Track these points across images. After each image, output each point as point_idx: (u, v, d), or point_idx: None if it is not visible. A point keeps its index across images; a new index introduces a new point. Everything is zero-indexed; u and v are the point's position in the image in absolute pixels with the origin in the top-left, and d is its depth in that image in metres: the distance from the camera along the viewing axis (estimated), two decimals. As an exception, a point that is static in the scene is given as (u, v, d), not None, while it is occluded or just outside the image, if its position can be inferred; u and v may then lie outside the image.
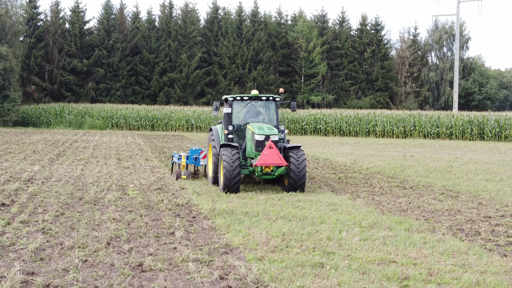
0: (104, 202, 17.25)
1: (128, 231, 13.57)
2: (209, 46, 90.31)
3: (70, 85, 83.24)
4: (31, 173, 23.19)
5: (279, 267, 10.81)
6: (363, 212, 16.50)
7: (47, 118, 66.98)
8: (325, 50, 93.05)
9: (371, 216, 15.74)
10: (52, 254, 11.52)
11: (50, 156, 30.48)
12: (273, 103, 21.95)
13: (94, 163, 28.17)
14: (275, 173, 19.75)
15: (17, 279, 9.72)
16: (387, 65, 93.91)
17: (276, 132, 20.02)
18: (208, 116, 65.98)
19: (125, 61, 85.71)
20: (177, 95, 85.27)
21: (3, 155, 30.69)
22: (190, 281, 10.12)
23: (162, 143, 43.57)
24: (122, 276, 10.18)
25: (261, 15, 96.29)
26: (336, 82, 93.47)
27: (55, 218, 14.80)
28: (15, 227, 13.52)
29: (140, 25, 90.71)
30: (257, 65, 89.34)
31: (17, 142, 40.24)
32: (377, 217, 15.62)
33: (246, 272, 10.45)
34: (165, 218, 15.08)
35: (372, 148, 42.90)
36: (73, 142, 41.75)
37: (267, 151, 19.22)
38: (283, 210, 16.40)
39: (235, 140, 21.39)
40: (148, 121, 66.77)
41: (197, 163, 24.04)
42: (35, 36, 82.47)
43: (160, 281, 9.95)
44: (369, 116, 64.18)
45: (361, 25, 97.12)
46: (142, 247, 12.26)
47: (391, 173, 26.31)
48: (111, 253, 11.62)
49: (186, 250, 11.94)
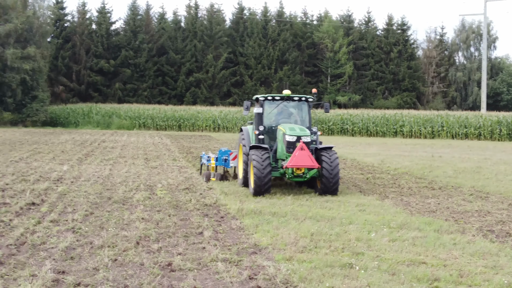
0: (133, 201, 17.35)
1: (157, 230, 13.62)
2: (235, 47, 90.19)
3: (98, 86, 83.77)
4: (60, 173, 23.40)
5: (308, 267, 10.79)
6: (392, 212, 16.43)
7: (75, 118, 67.70)
8: (351, 50, 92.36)
9: (400, 217, 15.65)
10: (82, 253, 11.60)
11: (79, 156, 30.76)
12: (306, 103, 21.37)
13: (122, 163, 28.36)
14: (307, 176, 19.12)
15: (48, 277, 9.79)
16: (413, 65, 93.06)
17: (308, 133, 19.50)
18: (234, 117, 66.38)
19: (152, 62, 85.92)
20: (204, 95, 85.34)
21: (33, 155, 31.01)
22: (219, 281, 10.12)
23: (189, 143, 43.75)
24: (152, 276, 10.21)
25: (286, 15, 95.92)
26: (362, 82, 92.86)
27: (85, 217, 14.91)
28: (46, 226, 13.63)
29: (166, 26, 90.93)
30: (283, 65, 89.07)
31: (46, 142, 40.65)
32: (406, 218, 15.53)
33: (275, 272, 10.43)
34: (194, 218, 15.12)
35: (399, 149, 42.73)
36: (101, 142, 42.10)
37: (298, 152, 18.67)
38: (311, 210, 16.37)
39: (266, 141, 20.87)
40: (175, 121, 67.28)
41: (227, 164, 23.58)
42: (63, 37, 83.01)
43: (190, 280, 9.96)
44: (396, 116, 63.99)
45: (387, 25, 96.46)
46: (171, 246, 12.30)
47: (419, 174, 26.17)
48: (140, 253, 11.66)
49: (215, 250, 11.96)
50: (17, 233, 12.83)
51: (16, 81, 62.47)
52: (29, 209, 15.85)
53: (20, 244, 12.14)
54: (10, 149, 33.87)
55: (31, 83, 64.36)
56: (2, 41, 63.04)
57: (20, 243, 12.17)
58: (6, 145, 37.02)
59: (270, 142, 20.93)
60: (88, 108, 70.53)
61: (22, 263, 10.80)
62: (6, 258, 11.05)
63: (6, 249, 11.70)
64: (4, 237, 12.61)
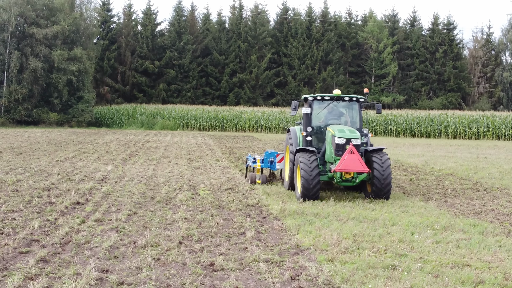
0: (176, 201, 17.47)
1: (200, 230, 13.69)
2: (278, 47, 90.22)
3: (142, 86, 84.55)
4: (105, 173, 23.67)
5: (350, 268, 10.74)
6: (436, 214, 16.26)
7: (120, 119, 68.52)
8: (396, 50, 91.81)
9: (444, 219, 15.48)
10: (125, 252, 11.72)
11: (123, 156, 31.06)
12: (357, 104, 20.38)
13: (166, 163, 28.56)
14: (356, 180, 18.19)
15: (92, 276, 9.90)
16: (459, 65, 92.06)
17: (358, 136, 18.49)
18: (277, 117, 66.32)
19: (196, 63, 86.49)
20: (247, 96, 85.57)
21: (78, 155, 31.42)
22: (261, 281, 10.12)
23: (232, 143, 43.88)
24: (194, 275, 10.26)
25: (331, 16, 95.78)
26: (407, 83, 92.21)
27: (128, 217, 15.06)
28: (90, 226, 13.80)
29: (210, 27, 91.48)
30: (327, 65, 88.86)
31: (90, 142, 41.19)
32: (450, 220, 15.36)
33: (317, 273, 10.40)
34: (236, 218, 15.16)
35: (444, 150, 42.26)
36: (145, 142, 42.48)
37: (347, 155, 17.67)
38: (354, 211, 16.30)
39: (314, 142, 20.03)
40: (218, 122, 67.55)
41: (273, 167, 22.92)
42: (108, 38, 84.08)
43: (232, 280, 9.99)
44: (440, 117, 63.42)
45: (433, 24, 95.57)
46: (213, 246, 12.35)
47: (464, 175, 25.85)
48: (183, 252, 11.74)
49: (257, 250, 11.97)
50: (62, 232, 13.01)
51: (63, 82, 63.29)
52: (74, 208, 16.06)
53: (65, 243, 12.31)
54: (56, 149, 34.38)
55: (77, 84, 65.19)
56: (50, 42, 63.92)
57: (65, 242, 12.34)
58: (52, 145, 37.57)
59: (318, 143, 20.13)
60: (133, 108, 71.33)
61: (66, 261, 10.96)
62: (51, 256, 11.22)
63: (51, 247, 11.87)
64: (49, 236, 12.80)
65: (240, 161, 30.20)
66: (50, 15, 65.93)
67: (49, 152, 32.37)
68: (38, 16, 64.83)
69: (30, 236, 12.64)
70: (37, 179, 21.20)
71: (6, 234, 12.83)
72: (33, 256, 11.07)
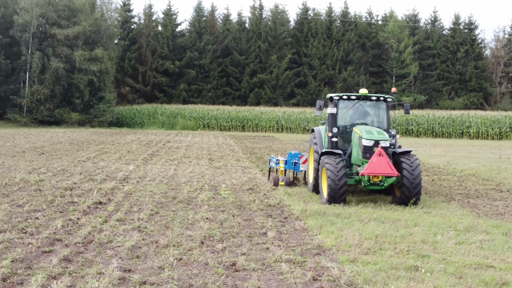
0: (197, 201, 17.53)
1: (221, 230, 13.73)
2: (299, 47, 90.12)
3: (163, 87, 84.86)
4: (126, 173, 23.79)
5: (372, 269, 10.71)
6: (458, 215, 16.21)
7: (141, 119, 68.72)
8: (417, 50, 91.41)
9: (467, 219, 15.42)
10: (147, 252, 11.77)
11: (144, 156, 31.21)
12: (384, 103, 19.61)
13: (187, 163, 28.65)
14: (384, 184, 17.42)
15: (114, 275, 9.96)
16: (481, 65, 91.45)
17: (387, 137, 17.74)
18: (298, 117, 66.40)
19: (216, 63, 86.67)
20: (267, 96, 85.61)
21: (99, 154, 31.61)
22: (283, 281, 10.13)
23: (252, 143, 43.92)
24: (216, 275, 10.29)
25: (351, 16, 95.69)
26: (428, 83, 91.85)
27: (150, 216, 15.13)
28: (112, 225, 13.88)
29: (230, 27, 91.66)
30: (347, 65, 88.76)
31: (112, 142, 41.44)
32: (473, 221, 15.30)
33: (339, 273, 10.39)
34: (257, 218, 15.19)
35: (466, 150, 42.05)
36: (166, 142, 42.65)
37: (376, 158, 16.98)
38: (376, 212, 16.29)
39: (340, 144, 19.27)
40: (239, 122, 67.68)
41: (297, 168, 22.17)
42: (129, 38, 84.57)
43: (254, 280, 10.00)
44: (462, 117, 63.17)
45: (454, 24, 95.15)
46: (235, 246, 12.38)
47: (486, 176, 25.71)
48: (205, 252, 11.77)
49: (279, 250, 11.98)
50: (84, 231, 13.10)
51: (84, 82, 63.74)
52: (96, 208, 16.18)
53: (87, 242, 12.39)
54: (77, 149, 34.61)
55: (98, 84, 65.63)
56: (71, 43, 64.47)
57: (88, 242, 12.42)
58: (74, 145, 37.85)
59: (344, 144, 19.42)
60: (154, 108, 71.63)
61: (89, 261, 11.03)
62: (74, 256, 11.29)
63: (74, 247, 11.95)
64: (72, 235, 12.89)
65: (261, 161, 30.22)
66: (71, 15, 66.61)
67: (71, 152, 32.61)
68: (60, 17, 65.46)
69: (53, 236, 12.75)
70: (60, 179, 21.36)
71: (30, 233, 12.94)
72: (56, 256, 11.16)
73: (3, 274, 9.88)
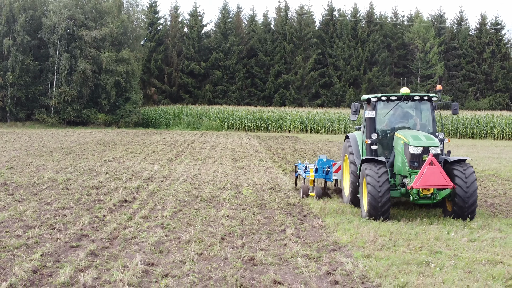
0: (219, 200, 18.07)
1: (241, 227, 14.26)
2: (324, 48, 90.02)
3: (188, 87, 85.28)
4: (151, 172, 24.37)
5: (385, 264, 11.16)
6: None
7: (166, 119, 69.20)
8: (442, 51, 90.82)
9: (482, 218, 15.72)
10: (170, 247, 12.32)
11: (169, 156, 31.79)
12: (428, 104, 17.60)
13: (210, 163, 29.20)
14: (437, 197, 15.48)
15: (138, 268, 10.53)
16: (507, 65, 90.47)
17: (438, 143, 15.85)
18: (322, 118, 66.63)
19: (241, 64, 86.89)
20: (292, 96, 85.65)
21: (125, 154, 32.28)
22: (298, 275, 10.63)
23: (276, 144, 44.40)
24: (235, 269, 10.82)
25: (376, 16, 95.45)
26: (453, 83, 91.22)
27: (173, 214, 15.68)
28: (137, 222, 14.46)
29: (256, 28, 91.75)
30: (373, 66, 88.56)
31: (137, 142, 42.13)
32: (488, 219, 15.62)
33: (353, 268, 10.86)
34: (277, 216, 15.69)
35: (489, 151, 42.09)
36: (191, 142, 43.26)
37: (427, 168, 15.01)
38: (392, 210, 16.56)
39: (379, 151, 17.36)
40: (263, 123, 67.89)
41: (329, 177, 20.07)
42: (155, 40, 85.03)
43: (270, 274, 10.51)
44: (487, 117, 63.00)
45: (480, 24, 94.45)
46: (254, 242, 12.89)
47: (507, 176, 25.86)
48: (224, 248, 12.29)
49: (296, 246, 12.45)
50: (110, 228, 13.71)
51: (111, 83, 64.43)
52: (121, 205, 16.78)
53: (113, 238, 12.98)
54: (104, 149, 35.37)
55: (124, 85, 66.22)
56: (98, 44, 65.21)
57: (113, 237, 13.01)
58: (100, 145, 38.61)
59: (383, 151, 17.54)
60: (179, 109, 72.12)
61: (114, 255, 11.61)
62: (100, 250, 11.87)
63: (100, 242, 12.54)
64: (98, 232, 13.48)
65: (283, 161, 30.67)
66: (98, 17, 67.30)
67: (98, 152, 33.33)
68: (87, 19, 66.22)
69: (80, 232, 13.35)
70: (86, 178, 22.04)
71: (58, 229, 13.58)
72: (83, 250, 11.77)
73: (34, 267, 10.52)
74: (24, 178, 21.64)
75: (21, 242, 12.27)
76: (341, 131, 64.96)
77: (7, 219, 14.47)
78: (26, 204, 16.35)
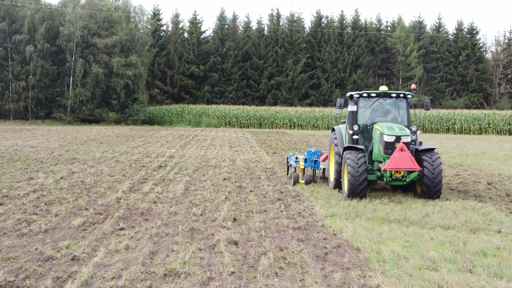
0: (221, 166, 26.12)
1: (234, 176, 22.65)
2: (312, 52, 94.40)
3: (189, 89, 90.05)
4: (171, 153, 32.05)
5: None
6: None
7: (170, 118, 74.01)
8: (422, 54, 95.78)
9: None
10: (195, 182, 20.34)
11: (180, 144, 39.01)
12: (404, 100, 19.13)
13: (213, 148, 36.63)
14: (406, 179, 17.22)
15: (181, 188, 18.53)
16: (481, 68, 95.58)
17: (408, 133, 17.40)
18: (308, 116, 72.18)
19: (237, 67, 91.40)
20: (284, 97, 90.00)
21: (145, 143, 39.38)
22: (262, 187, 18.62)
23: (265, 137, 50.96)
24: (230, 189, 18.72)
25: (361, 23, 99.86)
26: (432, 84, 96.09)
27: (194, 171, 23.87)
28: (173, 174, 22.70)
29: (250, 34, 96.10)
30: (357, 68, 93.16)
31: (150, 136, 48.27)
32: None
33: (292, 189, 19.01)
34: (257, 173, 23.83)
35: (453, 142, 49.34)
36: (194, 136, 49.63)
37: (398, 153, 16.65)
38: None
39: (361, 141, 19.00)
40: (256, 120, 72.88)
41: (316, 166, 21.88)
42: (159, 45, 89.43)
43: (248, 190, 18.51)
44: (449, 115, 69.55)
45: (457, 30, 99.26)
46: (241, 181, 21.15)
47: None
48: (225, 182, 20.32)
49: (265, 183, 20.43)
50: (158, 176, 21.99)
51: (120, 85, 69.43)
52: (159, 168, 25.03)
53: (162, 179, 21.24)
54: (126, 140, 42.17)
55: (132, 87, 70.99)
56: (109, 50, 70.18)
57: (162, 179, 21.25)
58: (121, 137, 45.05)
59: (364, 142, 19.11)
60: (181, 108, 76.51)
61: (167, 185, 19.91)
62: (159, 182, 19.76)
63: (157, 180, 20.76)
64: (153, 177, 21.76)
65: (269, 148, 37.86)
66: (109, 27, 72.04)
67: (121, 142, 39.82)
68: (99, 28, 70.92)
69: (143, 177, 21.74)
70: (126, 157, 29.57)
71: (129, 177, 21.80)
72: (149, 183, 20.04)
73: (129, 186, 18.55)
74: (84, 156, 29.04)
75: (113, 179, 20.55)
76: (324, 127, 70.18)
77: (96, 174, 22.32)
78: (99, 169, 23.88)
